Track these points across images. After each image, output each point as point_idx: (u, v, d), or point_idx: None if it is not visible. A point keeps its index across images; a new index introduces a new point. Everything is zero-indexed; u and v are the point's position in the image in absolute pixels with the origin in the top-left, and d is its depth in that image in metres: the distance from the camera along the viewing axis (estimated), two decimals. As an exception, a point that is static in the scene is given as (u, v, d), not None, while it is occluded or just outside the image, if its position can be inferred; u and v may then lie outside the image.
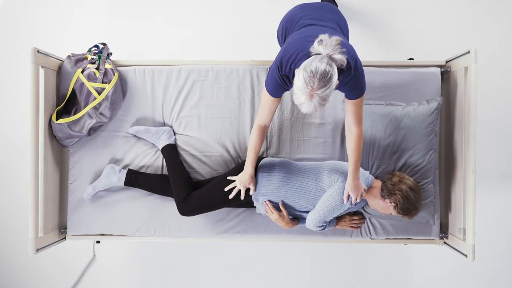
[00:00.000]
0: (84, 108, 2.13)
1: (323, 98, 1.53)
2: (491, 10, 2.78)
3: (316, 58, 1.51)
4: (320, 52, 1.53)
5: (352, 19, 2.80)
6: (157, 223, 2.25)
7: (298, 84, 1.52)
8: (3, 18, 2.85)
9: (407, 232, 2.24)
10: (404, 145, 2.09)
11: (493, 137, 2.78)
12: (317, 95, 1.51)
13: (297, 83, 1.52)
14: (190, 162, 2.25)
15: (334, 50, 1.52)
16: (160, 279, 2.88)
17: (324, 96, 1.52)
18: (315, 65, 1.48)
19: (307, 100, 1.52)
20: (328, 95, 1.53)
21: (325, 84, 1.49)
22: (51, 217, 2.25)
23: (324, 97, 1.53)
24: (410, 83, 2.24)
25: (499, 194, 2.80)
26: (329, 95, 1.54)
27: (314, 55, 1.53)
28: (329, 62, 1.50)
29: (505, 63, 2.77)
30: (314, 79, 1.48)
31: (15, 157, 2.86)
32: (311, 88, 1.49)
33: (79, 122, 2.15)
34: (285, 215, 2.01)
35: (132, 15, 2.83)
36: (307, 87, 1.50)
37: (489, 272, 2.83)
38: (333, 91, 1.55)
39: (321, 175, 1.94)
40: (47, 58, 2.17)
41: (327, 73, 1.48)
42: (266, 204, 2.03)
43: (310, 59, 1.52)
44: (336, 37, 1.54)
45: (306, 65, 1.50)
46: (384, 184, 1.96)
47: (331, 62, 1.51)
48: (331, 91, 1.53)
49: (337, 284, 2.86)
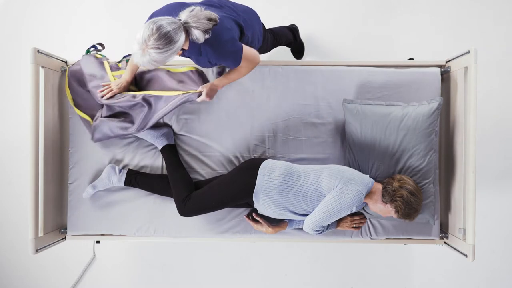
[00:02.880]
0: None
1: (154, 59, 1.54)
2: (491, 10, 2.78)
3: (168, 19, 1.52)
4: (181, 17, 1.54)
5: (352, 19, 2.80)
6: (157, 223, 2.25)
7: (138, 35, 1.52)
8: (3, 18, 2.85)
9: (407, 232, 2.24)
10: (404, 146, 2.09)
11: (493, 137, 2.77)
12: (149, 54, 1.51)
13: (138, 34, 1.53)
14: (190, 162, 2.25)
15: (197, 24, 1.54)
16: (160, 279, 2.88)
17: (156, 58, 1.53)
18: (160, 24, 1.50)
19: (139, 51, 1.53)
20: (161, 59, 1.54)
21: (159, 47, 1.50)
22: (51, 217, 2.25)
23: (156, 59, 1.54)
24: (410, 83, 2.24)
25: (499, 194, 2.80)
26: (162, 60, 1.54)
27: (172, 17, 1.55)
28: (177, 30, 1.52)
29: (505, 63, 2.77)
30: (151, 37, 1.49)
31: (15, 157, 2.86)
32: (145, 45, 1.50)
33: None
34: (263, 223, 2.10)
35: (132, 15, 2.83)
36: (143, 43, 1.50)
37: (489, 272, 2.83)
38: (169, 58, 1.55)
39: (321, 180, 1.93)
40: (47, 58, 2.17)
41: (167, 37, 1.50)
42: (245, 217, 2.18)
43: (164, 18, 1.53)
44: (209, 12, 1.56)
45: (154, 21, 1.51)
46: (385, 189, 1.96)
47: (179, 31, 1.52)
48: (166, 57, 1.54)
49: (337, 284, 2.86)
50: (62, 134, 2.33)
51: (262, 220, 2.11)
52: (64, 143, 2.33)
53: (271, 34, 2.29)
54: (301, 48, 2.72)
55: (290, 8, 2.81)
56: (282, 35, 2.46)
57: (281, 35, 2.44)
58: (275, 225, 2.11)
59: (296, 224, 2.12)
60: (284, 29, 2.54)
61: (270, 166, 1.99)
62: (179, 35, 1.53)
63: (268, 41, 2.24)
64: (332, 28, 2.81)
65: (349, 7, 2.81)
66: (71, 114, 2.27)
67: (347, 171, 1.95)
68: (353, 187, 1.87)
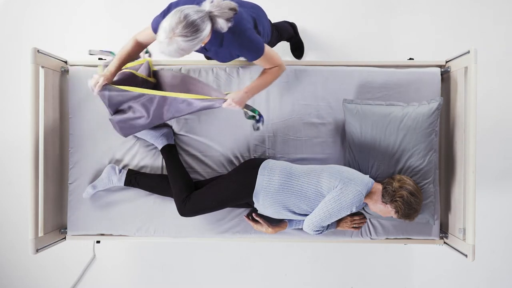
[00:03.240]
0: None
1: (181, 48, 1.53)
2: (491, 10, 2.78)
3: (195, 8, 1.52)
4: (205, 8, 1.54)
5: (352, 19, 2.80)
6: (157, 223, 2.25)
7: (164, 24, 1.51)
8: (3, 18, 2.85)
9: (407, 232, 2.24)
10: (404, 146, 2.09)
11: (493, 137, 2.77)
12: (176, 42, 1.51)
13: (164, 23, 1.52)
14: (190, 162, 2.25)
15: (221, 13, 1.54)
16: (160, 279, 2.88)
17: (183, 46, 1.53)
18: (187, 12, 1.50)
19: (165, 40, 1.52)
20: (188, 47, 1.53)
21: (187, 35, 1.50)
22: (51, 217, 2.25)
23: (183, 47, 1.53)
24: (410, 83, 2.24)
25: (499, 194, 2.80)
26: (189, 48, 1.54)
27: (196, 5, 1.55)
28: (203, 19, 1.52)
29: (505, 63, 2.77)
30: (179, 25, 1.49)
31: (15, 157, 2.86)
32: (173, 33, 1.50)
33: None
34: (263, 224, 2.09)
35: (132, 15, 2.83)
36: (171, 31, 1.50)
37: (489, 272, 2.83)
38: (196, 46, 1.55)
39: (321, 180, 1.93)
40: (47, 58, 2.17)
41: (195, 25, 1.50)
42: (245, 217, 2.18)
43: (189, 6, 1.53)
44: (229, 1, 1.56)
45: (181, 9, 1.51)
46: (385, 190, 1.96)
47: (206, 19, 1.52)
48: (192, 46, 1.53)
49: (337, 284, 2.86)
50: (62, 134, 2.33)
51: (262, 220, 2.11)
52: (64, 143, 2.33)
53: (275, 29, 2.30)
54: (301, 45, 2.73)
55: (291, 7, 2.81)
56: (284, 30, 2.48)
57: (283, 29, 2.47)
58: (275, 225, 2.11)
59: (296, 224, 2.12)
60: (285, 24, 2.57)
61: (270, 166, 1.99)
62: (206, 23, 1.53)
63: (274, 36, 2.25)
64: (332, 28, 2.82)
65: (349, 7, 2.81)
66: (71, 114, 2.27)
67: (347, 171, 1.95)
68: (353, 187, 1.87)
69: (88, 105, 2.25)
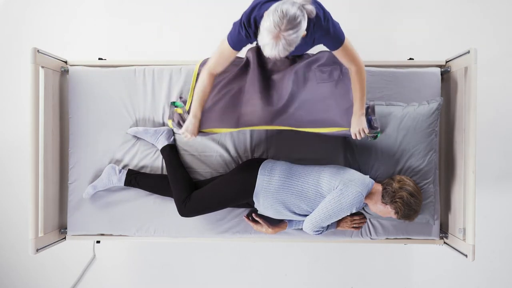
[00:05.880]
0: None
1: (289, 43, 1.52)
2: (491, 10, 2.78)
3: (288, 1, 1.51)
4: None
5: (352, 19, 2.80)
6: (157, 223, 2.25)
7: (266, 24, 1.51)
8: (3, 18, 2.85)
9: (407, 232, 2.24)
10: (404, 146, 2.09)
11: (493, 137, 2.77)
12: (284, 37, 1.50)
13: (265, 24, 1.51)
14: (190, 162, 2.25)
15: (306, 1, 1.53)
16: (160, 279, 2.88)
17: (290, 41, 1.52)
18: (286, 7, 1.48)
19: (272, 41, 1.51)
20: (294, 40, 1.52)
21: (293, 27, 1.49)
22: (51, 217, 2.25)
23: (290, 42, 1.52)
24: (410, 83, 2.24)
25: (499, 194, 2.80)
26: (295, 41, 1.53)
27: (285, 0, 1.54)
28: (301, 8, 1.51)
29: (505, 63, 2.77)
30: (283, 20, 1.48)
31: (15, 157, 2.86)
32: (279, 29, 1.49)
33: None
34: (262, 224, 2.10)
35: (132, 15, 2.83)
36: (275, 28, 1.49)
37: (489, 272, 2.83)
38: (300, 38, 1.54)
39: (321, 180, 1.93)
40: (47, 58, 2.17)
41: (297, 16, 1.49)
42: (244, 217, 2.18)
43: (281, 2, 1.52)
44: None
45: (277, 6, 1.50)
46: (385, 190, 1.95)
47: (302, 8, 1.52)
48: (298, 37, 1.52)
49: (337, 284, 2.86)
50: (62, 134, 2.33)
51: (261, 220, 2.11)
52: (64, 143, 2.33)
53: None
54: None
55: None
56: None
57: None
58: (275, 225, 2.11)
59: (296, 224, 2.12)
60: None
61: (270, 166, 1.99)
62: (304, 13, 1.52)
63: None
64: (332, 28, 2.81)
65: (349, 7, 2.80)
66: (71, 114, 2.27)
67: (347, 171, 1.95)
68: (353, 188, 1.87)
69: (88, 105, 2.25)
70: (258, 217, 2.11)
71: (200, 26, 2.82)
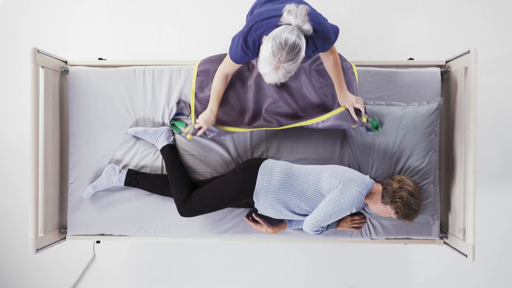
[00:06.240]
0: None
1: (288, 71, 1.53)
2: (491, 10, 2.78)
3: (287, 28, 1.49)
4: (290, 22, 1.52)
5: (352, 19, 2.80)
6: (157, 223, 2.25)
7: (265, 54, 1.50)
8: (3, 18, 2.85)
9: (407, 232, 2.24)
10: (404, 146, 2.09)
11: (493, 137, 2.77)
12: (283, 67, 1.50)
13: (264, 53, 1.50)
14: (190, 162, 2.25)
15: (304, 21, 1.51)
16: (160, 279, 2.88)
17: (290, 70, 1.52)
18: (285, 36, 1.47)
19: (272, 71, 1.52)
20: (294, 68, 1.53)
21: (292, 58, 1.49)
22: (51, 217, 2.25)
23: (290, 71, 1.53)
24: (410, 83, 2.24)
25: (499, 194, 2.80)
26: (295, 69, 1.54)
27: (284, 25, 1.52)
28: (299, 35, 1.50)
29: (505, 63, 2.77)
30: (282, 52, 1.47)
31: (15, 157, 2.86)
32: (278, 60, 1.48)
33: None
34: (262, 224, 2.09)
35: (133, 15, 2.83)
36: (274, 59, 1.48)
37: (489, 272, 2.83)
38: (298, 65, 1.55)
39: (321, 180, 1.93)
40: (47, 58, 2.17)
41: (296, 46, 1.48)
42: (244, 217, 2.17)
43: (280, 29, 1.50)
44: (303, 6, 1.54)
45: (276, 35, 1.48)
46: (385, 190, 1.95)
47: (300, 34, 1.50)
48: (297, 65, 1.53)
49: (337, 284, 2.86)
50: (62, 134, 2.33)
51: (261, 220, 2.11)
52: (64, 143, 2.33)
53: None
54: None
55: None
56: None
57: None
58: (275, 225, 2.11)
59: (296, 224, 2.12)
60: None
61: (270, 166, 1.99)
62: (302, 39, 1.51)
63: None
64: (332, 28, 2.81)
65: (349, 7, 2.80)
66: (71, 114, 2.27)
67: (347, 171, 1.95)
68: (353, 188, 1.87)
69: (88, 105, 2.26)
70: (258, 217, 2.11)
71: (200, 26, 2.82)
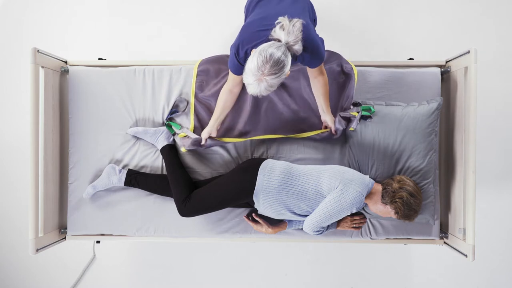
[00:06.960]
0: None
1: (270, 85, 1.56)
2: (491, 10, 2.78)
3: (274, 44, 1.53)
4: (280, 38, 1.54)
5: (352, 19, 2.80)
6: (157, 223, 2.25)
7: (251, 66, 1.53)
8: (3, 18, 2.85)
9: (407, 232, 2.24)
10: (404, 146, 2.09)
11: (493, 137, 2.77)
12: (266, 80, 1.53)
13: (250, 65, 1.54)
14: (190, 162, 2.25)
15: (295, 41, 1.54)
16: (160, 279, 2.88)
17: (272, 84, 1.55)
18: (271, 51, 1.50)
19: (255, 82, 1.55)
20: (277, 83, 1.56)
21: (275, 72, 1.52)
22: (51, 217, 2.25)
23: (272, 85, 1.56)
24: (410, 83, 2.24)
25: (499, 194, 2.79)
26: (277, 84, 1.57)
27: (273, 41, 1.55)
28: (285, 52, 1.53)
29: (505, 63, 2.77)
30: (266, 65, 1.50)
31: (15, 157, 2.86)
32: (262, 72, 1.52)
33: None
34: (262, 224, 2.09)
35: (133, 15, 2.83)
36: (258, 71, 1.52)
37: (489, 272, 2.83)
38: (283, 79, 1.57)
39: (321, 180, 1.93)
40: (47, 58, 2.17)
41: (280, 62, 1.51)
42: (244, 217, 2.17)
43: (268, 44, 1.53)
44: (297, 21, 1.56)
45: (263, 49, 1.52)
46: (385, 191, 1.95)
47: (287, 52, 1.54)
48: (280, 80, 1.56)
49: (337, 284, 2.86)
50: (62, 134, 2.33)
51: (261, 220, 2.11)
52: (64, 143, 2.33)
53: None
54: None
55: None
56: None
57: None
58: (275, 225, 2.11)
59: (296, 224, 2.12)
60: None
61: (270, 166, 1.99)
62: (288, 56, 1.55)
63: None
64: (332, 28, 2.81)
65: (349, 7, 2.80)
66: (71, 114, 2.27)
67: (348, 171, 1.95)
68: (353, 188, 1.87)
69: (88, 105, 2.26)
70: (258, 217, 2.11)
71: (200, 26, 2.82)
